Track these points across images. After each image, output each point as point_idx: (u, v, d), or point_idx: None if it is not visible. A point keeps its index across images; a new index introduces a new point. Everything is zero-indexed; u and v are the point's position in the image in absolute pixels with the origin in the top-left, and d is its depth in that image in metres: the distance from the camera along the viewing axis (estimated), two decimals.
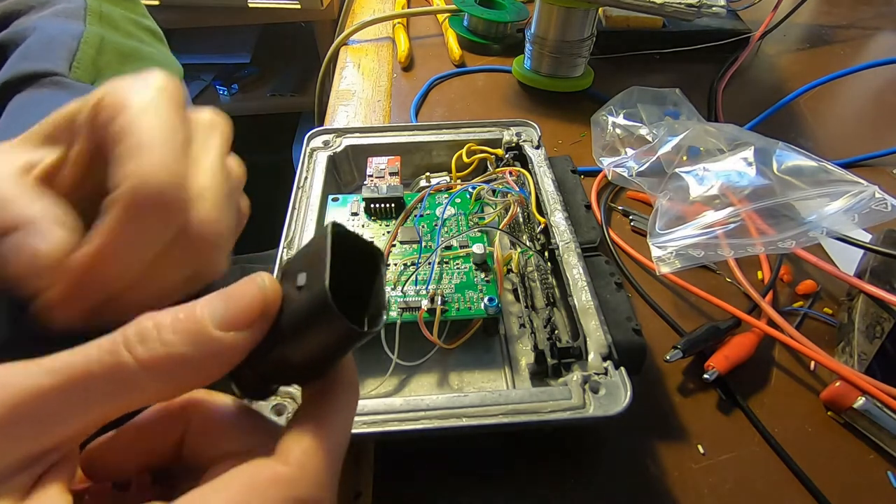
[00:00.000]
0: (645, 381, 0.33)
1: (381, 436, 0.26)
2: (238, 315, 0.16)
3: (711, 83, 0.60)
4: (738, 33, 0.65)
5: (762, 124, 0.52)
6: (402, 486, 0.29)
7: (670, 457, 0.30)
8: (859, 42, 0.71)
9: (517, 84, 0.59)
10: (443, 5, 0.70)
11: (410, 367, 0.32)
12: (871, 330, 0.33)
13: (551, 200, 0.36)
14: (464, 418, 0.26)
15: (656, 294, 0.38)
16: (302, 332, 0.17)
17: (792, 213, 0.35)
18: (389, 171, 0.39)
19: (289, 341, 0.17)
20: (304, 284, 0.17)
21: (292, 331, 0.17)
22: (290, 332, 0.17)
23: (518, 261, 0.37)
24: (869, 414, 0.30)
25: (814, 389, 0.33)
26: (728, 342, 0.34)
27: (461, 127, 0.43)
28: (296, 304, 0.17)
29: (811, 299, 0.38)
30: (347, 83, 0.60)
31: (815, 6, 0.79)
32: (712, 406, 0.33)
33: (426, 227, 0.36)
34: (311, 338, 0.17)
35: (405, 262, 0.34)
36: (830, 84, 0.52)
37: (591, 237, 0.34)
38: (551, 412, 0.26)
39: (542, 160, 0.39)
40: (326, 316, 0.16)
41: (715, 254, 0.35)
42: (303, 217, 0.35)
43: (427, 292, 0.32)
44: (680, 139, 0.41)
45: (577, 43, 0.54)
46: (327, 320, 0.16)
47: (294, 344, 0.17)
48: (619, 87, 0.49)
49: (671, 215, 0.37)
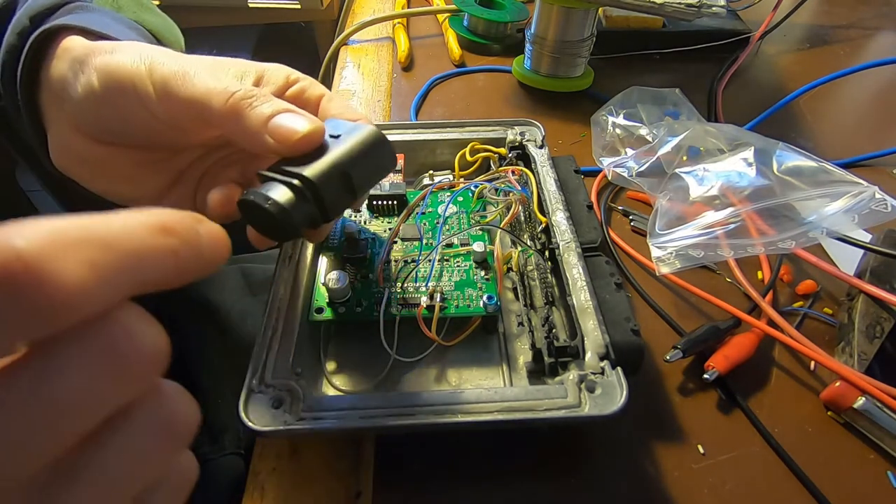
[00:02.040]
0: (645, 381, 0.33)
1: (377, 430, 0.26)
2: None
3: (711, 83, 0.60)
4: (738, 33, 0.65)
5: (762, 124, 0.52)
6: (403, 486, 0.29)
7: (670, 457, 0.30)
8: (859, 42, 0.71)
9: (517, 84, 0.59)
10: (443, 5, 0.70)
11: (409, 363, 0.32)
12: (871, 330, 0.33)
13: (553, 200, 0.36)
14: (459, 415, 0.26)
15: (656, 294, 0.38)
16: (361, 155, 0.25)
17: (792, 213, 0.35)
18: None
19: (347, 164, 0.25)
20: (340, 133, 0.25)
21: (353, 154, 0.25)
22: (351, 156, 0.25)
23: (518, 259, 0.37)
24: (869, 414, 0.30)
25: (814, 389, 0.33)
26: (728, 342, 0.34)
27: (465, 125, 0.43)
28: (345, 143, 0.25)
29: (811, 299, 0.38)
30: (347, 83, 0.60)
31: (815, 6, 0.79)
32: (712, 406, 0.32)
33: (428, 225, 0.36)
34: (369, 159, 0.26)
35: (406, 258, 0.34)
36: (830, 84, 0.52)
37: (592, 237, 0.34)
38: (547, 410, 0.26)
39: (545, 160, 0.39)
40: (380, 138, 0.26)
41: (715, 254, 0.35)
42: None
43: (427, 289, 0.32)
44: (680, 139, 0.41)
45: (577, 43, 0.54)
46: (381, 141, 0.26)
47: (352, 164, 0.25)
48: (619, 87, 0.49)
49: (671, 215, 0.37)
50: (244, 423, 0.25)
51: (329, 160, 0.24)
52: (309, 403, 0.26)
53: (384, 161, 0.27)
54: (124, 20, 0.32)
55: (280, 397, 0.26)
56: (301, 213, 0.24)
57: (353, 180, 0.25)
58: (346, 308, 0.32)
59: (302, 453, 0.30)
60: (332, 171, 0.24)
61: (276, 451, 0.30)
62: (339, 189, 0.25)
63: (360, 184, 0.26)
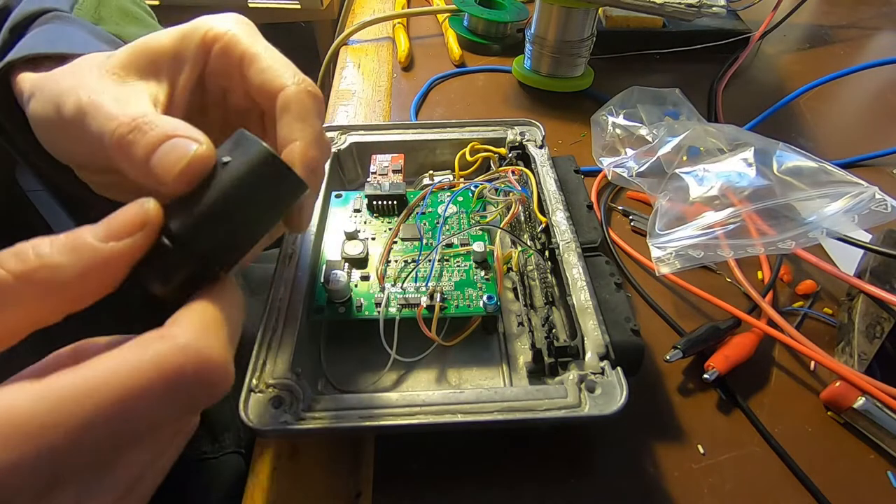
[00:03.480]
0: (645, 381, 0.33)
1: (377, 430, 0.26)
2: (118, 226, 0.17)
3: (711, 83, 0.60)
4: (738, 33, 0.65)
5: (762, 124, 0.52)
6: (403, 486, 0.29)
7: (670, 457, 0.30)
8: (859, 42, 0.71)
9: (517, 84, 0.59)
10: (443, 5, 0.70)
11: (409, 363, 0.32)
12: (871, 330, 0.33)
13: (553, 200, 0.36)
14: (459, 414, 0.26)
15: (656, 294, 0.38)
16: (242, 194, 0.19)
17: (792, 213, 0.35)
18: (393, 168, 0.39)
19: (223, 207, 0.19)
20: (230, 159, 0.19)
21: (228, 197, 0.19)
22: (225, 199, 0.19)
23: (518, 259, 0.37)
24: (869, 414, 0.30)
25: (814, 389, 0.33)
26: (728, 342, 0.34)
27: (465, 125, 0.43)
28: (227, 173, 0.19)
29: (811, 299, 0.38)
30: (347, 83, 0.60)
31: (815, 6, 0.79)
32: (712, 406, 0.32)
33: (427, 225, 0.36)
34: (253, 196, 0.19)
35: (406, 258, 0.34)
36: (830, 84, 0.52)
37: (592, 237, 0.34)
38: (546, 410, 0.26)
39: (545, 160, 0.39)
40: (270, 165, 0.19)
41: (715, 254, 0.34)
42: None
43: (427, 289, 0.32)
44: (680, 139, 0.41)
45: (577, 43, 0.54)
46: (271, 169, 0.19)
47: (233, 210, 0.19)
48: (619, 87, 0.49)
49: (671, 216, 0.37)
50: (244, 423, 0.25)
51: (206, 202, 0.19)
52: (309, 403, 0.26)
53: (276, 194, 0.20)
54: (101, 33, 0.31)
55: (280, 397, 0.26)
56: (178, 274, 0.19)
57: (237, 225, 0.19)
58: (346, 308, 0.32)
59: (302, 453, 0.30)
60: (207, 219, 0.19)
61: (276, 451, 0.30)
62: (222, 236, 0.19)
63: (248, 229, 0.20)
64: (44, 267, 0.16)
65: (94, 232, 0.17)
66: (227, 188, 0.19)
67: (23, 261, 0.15)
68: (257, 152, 0.19)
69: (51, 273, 0.16)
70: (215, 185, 0.19)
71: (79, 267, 0.16)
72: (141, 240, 0.17)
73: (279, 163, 0.19)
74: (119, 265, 0.17)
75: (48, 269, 0.16)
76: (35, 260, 0.16)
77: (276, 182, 0.20)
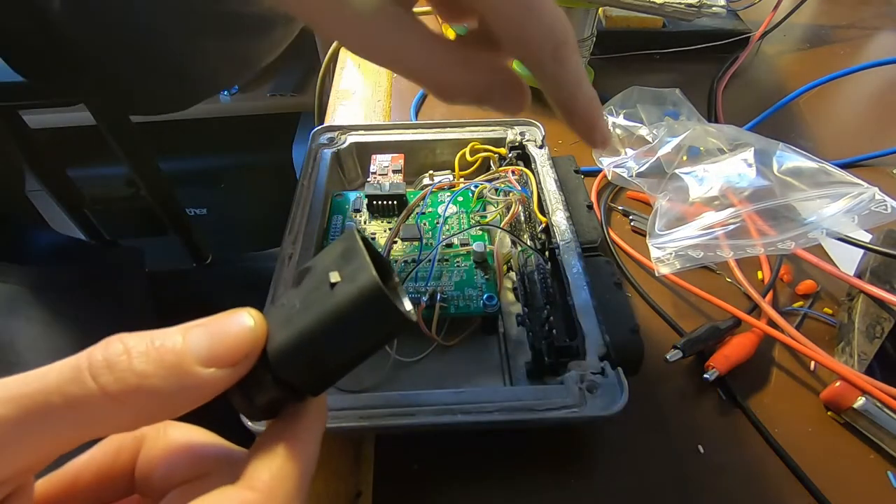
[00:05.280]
0: (645, 381, 0.33)
1: (376, 430, 0.26)
2: (223, 353, 0.15)
3: (711, 83, 0.60)
4: (738, 33, 0.65)
5: (762, 124, 0.52)
6: (403, 486, 0.29)
7: (670, 457, 0.30)
8: (859, 42, 0.71)
9: None
10: None
11: (408, 363, 0.32)
12: (871, 330, 0.33)
13: (553, 200, 0.36)
14: (459, 414, 0.26)
15: (656, 294, 0.38)
16: (343, 329, 0.16)
17: (792, 214, 0.35)
18: (393, 168, 0.39)
19: (323, 342, 0.16)
20: (339, 281, 0.16)
21: (328, 330, 0.16)
22: (324, 332, 0.16)
23: (518, 259, 0.37)
24: (869, 414, 0.30)
25: (814, 389, 0.33)
26: (728, 342, 0.34)
27: (465, 125, 0.43)
28: (333, 301, 0.16)
29: (811, 299, 0.38)
30: (347, 83, 0.60)
31: (815, 6, 0.79)
32: (712, 406, 0.32)
33: (427, 225, 0.36)
34: (355, 332, 0.17)
35: (405, 258, 0.34)
36: (830, 84, 0.52)
37: (592, 237, 0.34)
38: (546, 410, 0.26)
39: (545, 160, 0.39)
40: (377, 304, 0.16)
41: (715, 255, 0.35)
42: (307, 213, 0.35)
43: (426, 289, 0.32)
44: (680, 139, 0.41)
45: (578, 43, 0.54)
46: (378, 308, 0.16)
47: (331, 343, 0.17)
48: (619, 87, 0.49)
49: (671, 216, 0.37)
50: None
51: (307, 332, 0.17)
52: None
53: (384, 333, 0.17)
54: None
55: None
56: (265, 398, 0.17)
57: (336, 363, 0.17)
58: None
59: None
60: (307, 352, 0.17)
61: None
62: (320, 371, 0.18)
63: (346, 365, 0.18)
64: (140, 389, 0.14)
65: (196, 354, 0.15)
66: (330, 323, 0.16)
67: (119, 379, 0.14)
68: (369, 287, 0.16)
69: (146, 398, 0.14)
70: (319, 312, 0.16)
71: (176, 391, 0.15)
72: (243, 370, 0.16)
73: (390, 303, 0.16)
74: (215, 391, 0.16)
75: (144, 395, 0.14)
76: (132, 380, 0.14)
77: (386, 322, 0.17)
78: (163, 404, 0.15)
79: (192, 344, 0.15)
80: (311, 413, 0.18)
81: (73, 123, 1.04)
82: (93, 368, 0.14)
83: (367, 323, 0.16)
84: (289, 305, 0.17)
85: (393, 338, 0.18)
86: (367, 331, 0.17)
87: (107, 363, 0.14)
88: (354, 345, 0.17)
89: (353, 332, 0.17)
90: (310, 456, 0.17)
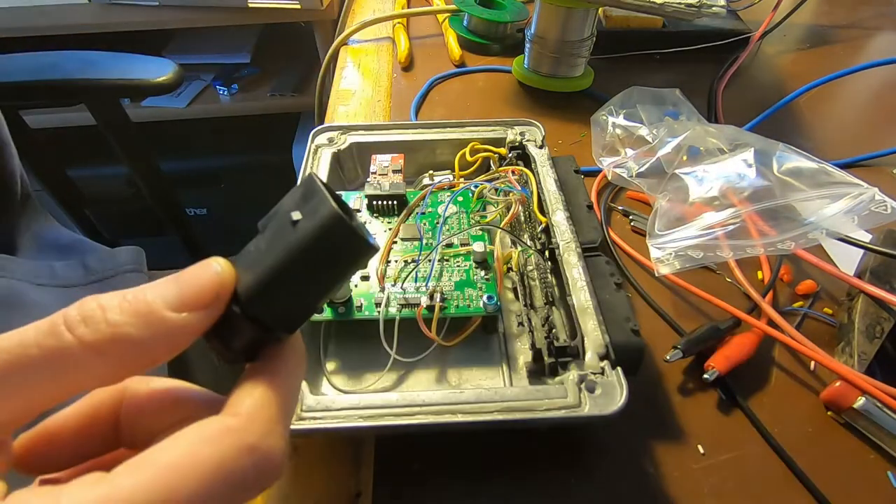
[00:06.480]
0: (645, 381, 0.33)
1: (377, 430, 0.26)
2: (192, 297, 0.16)
3: (711, 83, 0.60)
4: (738, 33, 0.65)
5: (762, 124, 0.52)
6: (403, 486, 0.29)
7: (670, 457, 0.30)
8: (859, 42, 0.71)
9: (517, 84, 0.59)
10: (443, 5, 0.70)
11: (409, 363, 0.32)
12: (871, 330, 0.33)
13: (553, 200, 0.36)
14: (459, 415, 0.26)
15: (656, 294, 0.38)
16: (308, 260, 0.17)
17: (792, 214, 0.35)
18: (393, 168, 0.39)
19: (290, 276, 0.17)
20: (300, 218, 0.17)
21: (294, 263, 0.17)
22: (291, 266, 0.17)
23: (518, 259, 0.37)
24: (869, 414, 0.30)
25: (814, 389, 0.33)
26: (728, 342, 0.34)
27: (465, 125, 0.43)
28: (296, 236, 0.17)
29: (811, 299, 0.38)
30: (347, 83, 0.60)
31: (815, 6, 0.79)
32: (712, 406, 0.32)
33: (427, 225, 0.36)
34: (320, 263, 0.17)
35: (405, 258, 0.34)
36: (830, 84, 0.52)
37: (593, 237, 0.34)
38: (547, 410, 0.26)
39: (545, 160, 0.39)
40: (338, 231, 0.17)
41: (714, 255, 0.34)
42: None
43: (427, 289, 0.32)
44: (680, 140, 0.41)
45: (577, 43, 0.54)
46: (340, 235, 0.17)
47: (297, 276, 0.17)
48: (619, 87, 0.49)
49: (671, 216, 0.37)
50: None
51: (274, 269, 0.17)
52: (309, 403, 0.26)
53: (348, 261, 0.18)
54: None
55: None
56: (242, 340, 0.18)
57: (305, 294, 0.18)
58: (346, 308, 0.32)
59: (301, 453, 0.30)
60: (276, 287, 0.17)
61: None
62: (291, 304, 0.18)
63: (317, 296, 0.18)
64: (115, 338, 0.15)
65: (166, 300, 0.16)
66: (295, 255, 0.17)
67: (94, 330, 0.15)
68: (328, 216, 0.17)
69: (121, 346, 0.15)
70: (284, 248, 0.17)
71: (149, 338, 0.15)
72: (214, 313, 0.16)
73: (351, 229, 0.17)
74: (189, 336, 0.16)
75: (118, 342, 0.15)
76: (107, 330, 0.15)
77: (349, 249, 0.18)
78: (139, 352, 0.15)
79: (162, 291, 0.16)
80: (288, 350, 0.18)
81: (73, 123, 1.04)
82: (68, 322, 0.15)
83: (330, 252, 0.17)
84: (255, 250, 0.18)
85: (357, 266, 0.18)
86: (331, 260, 0.17)
87: (82, 317, 0.15)
88: (321, 276, 0.18)
89: (318, 262, 0.17)
90: (290, 390, 0.17)
